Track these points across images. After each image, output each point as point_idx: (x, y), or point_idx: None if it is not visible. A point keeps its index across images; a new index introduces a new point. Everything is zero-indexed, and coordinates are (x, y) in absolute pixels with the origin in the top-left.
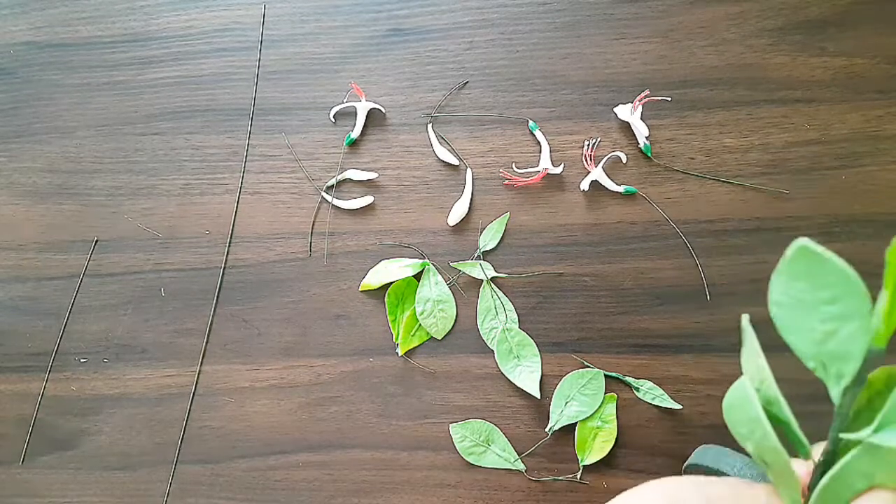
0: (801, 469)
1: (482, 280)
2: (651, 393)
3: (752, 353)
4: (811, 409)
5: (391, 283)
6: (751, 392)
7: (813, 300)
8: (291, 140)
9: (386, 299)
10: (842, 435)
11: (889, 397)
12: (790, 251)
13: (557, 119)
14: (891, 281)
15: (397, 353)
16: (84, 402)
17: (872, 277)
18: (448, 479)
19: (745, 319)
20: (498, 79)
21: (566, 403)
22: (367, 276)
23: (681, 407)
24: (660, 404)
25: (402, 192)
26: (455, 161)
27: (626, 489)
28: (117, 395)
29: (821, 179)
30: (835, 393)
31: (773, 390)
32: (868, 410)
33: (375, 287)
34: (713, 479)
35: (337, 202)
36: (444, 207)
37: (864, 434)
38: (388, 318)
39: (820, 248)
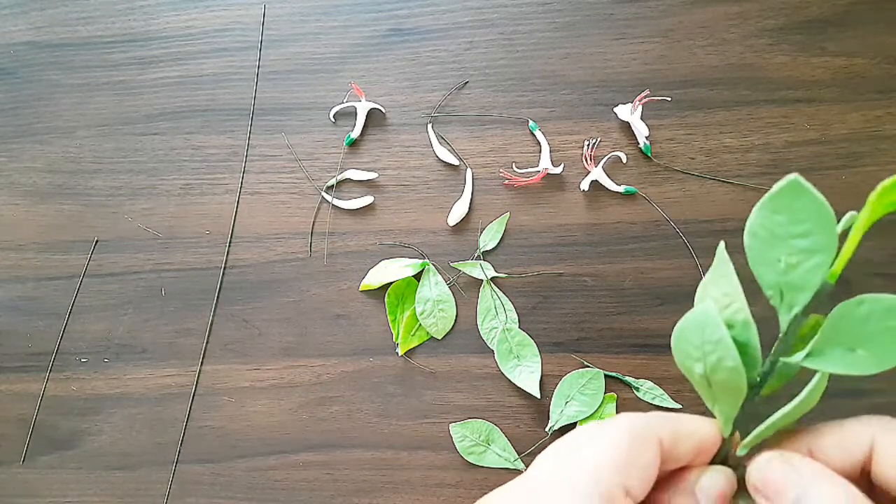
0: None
1: (482, 280)
2: (651, 393)
3: (724, 276)
4: None
5: (391, 283)
6: (715, 315)
7: (786, 234)
8: (291, 140)
9: (386, 299)
10: (782, 359)
11: (819, 329)
12: (780, 184)
13: (557, 119)
14: (861, 224)
15: (397, 353)
16: (84, 402)
17: (872, 277)
18: (448, 479)
19: (721, 246)
20: (498, 79)
21: (566, 403)
22: (367, 276)
23: (681, 407)
24: (660, 404)
25: (402, 192)
26: (455, 161)
27: None
28: (117, 395)
29: (821, 179)
30: (784, 320)
31: (745, 312)
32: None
33: (375, 287)
34: (679, 414)
35: (337, 202)
36: (444, 207)
37: (797, 357)
38: (388, 318)
39: (809, 185)
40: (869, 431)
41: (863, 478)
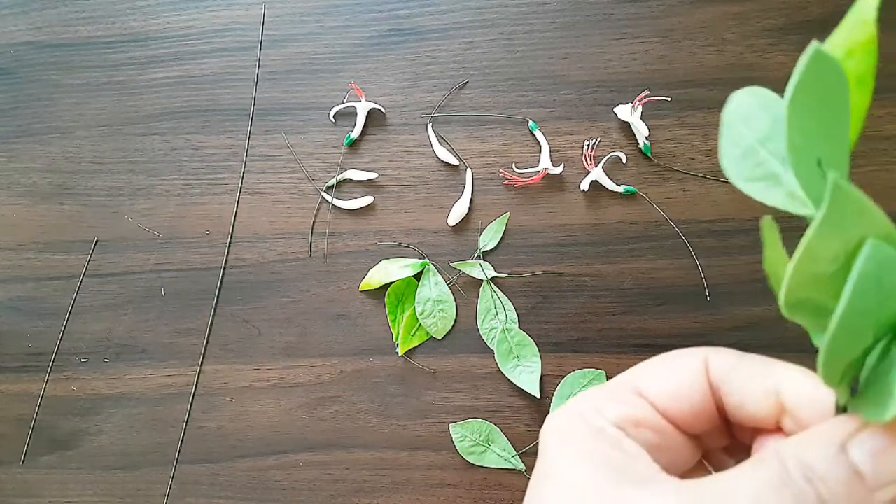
0: None
1: (482, 280)
2: None
3: None
4: None
5: (391, 283)
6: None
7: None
8: (291, 140)
9: (386, 299)
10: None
11: None
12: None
13: (557, 119)
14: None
15: (397, 353)
16: (84, 402)
17: None
18: (448, 479)
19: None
20: (498, 79)
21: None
22: (367, 276)
23: None
24: None
25: (402, 192)
26: (455, 161)
27: None
28: (117, 395)
29: None
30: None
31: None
32: None
33: (375, 287)
34: (720, 348)
35: (337, 202)
36: (444, 207)
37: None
38: (388, 318)
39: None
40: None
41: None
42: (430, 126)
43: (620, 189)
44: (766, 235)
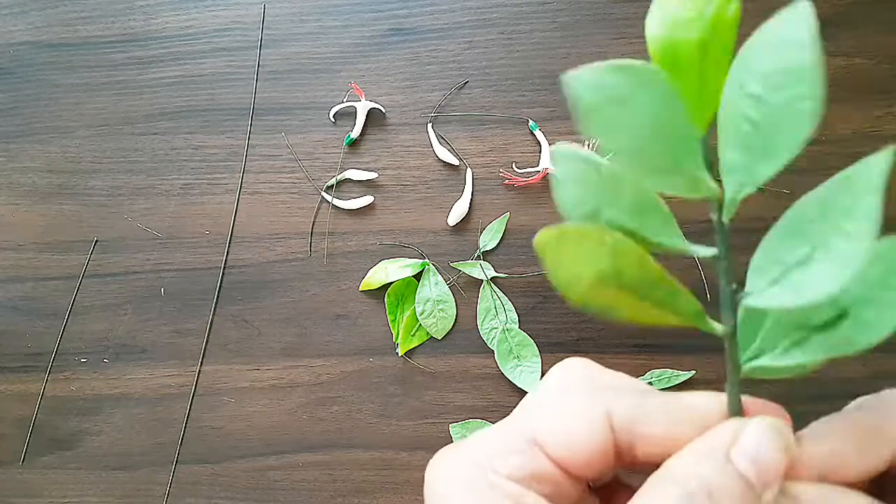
0: None
1: (482, 280)
2: None
3: None
4: None
5: (391, 283)
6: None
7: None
8: (291, 140)
9: (386, 299)
10: None
11: None
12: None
13: (557, 119)
14: None
15: (397, 353)
16: (84, 402)
17: None
18: None
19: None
20: (498, 79)
21: None
22: (367, 276)
23: None
24: None
25: (402, 192)
26: (455, 161)
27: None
28: (117, 395)
29: (821, 179)
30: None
31: None
32: None
33: (375, 287)
34: (613, 379)
35: (337, 202)
36: (444, 207)
37: None
38: (388, 318)
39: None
40: (885, 415)
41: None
42: (430, 126)
43: None
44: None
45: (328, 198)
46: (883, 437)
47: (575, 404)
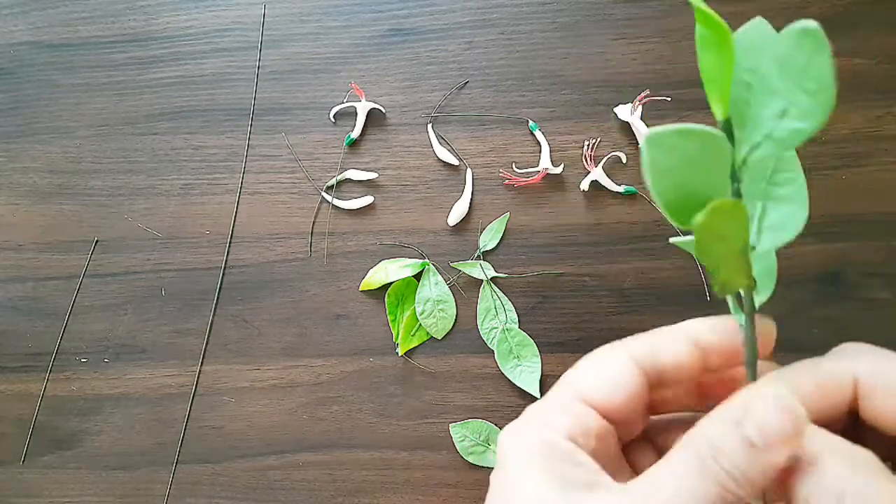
0: None
1: (482, 280)
2: None
3: None
4: None
5: (391, 283)
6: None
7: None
8: (291, 140)
9: (386, 299)
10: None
11: None
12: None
13: (557, 119)
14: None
15: (397, 353)
16: (84, 402)
17: (872, 277)
18: (448, 479)
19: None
20: (498, 79)
21: None
22: (367, 276)
23: None
24: None
25: (402, 192)
26: (455, 161)
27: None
28: (117, 395)
29: (821, 179)
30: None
31: None
32: None
33: (375, 287)
34: (630, 337)
35: (337, 202)
36: (444, 207)
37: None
38: (388, 318)
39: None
40: (848, 366)
41: (849, 419)
42: (430, 126)
43: (620, 189)
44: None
45: (328, 198)
46: (839, 379)
47: (605, 356)
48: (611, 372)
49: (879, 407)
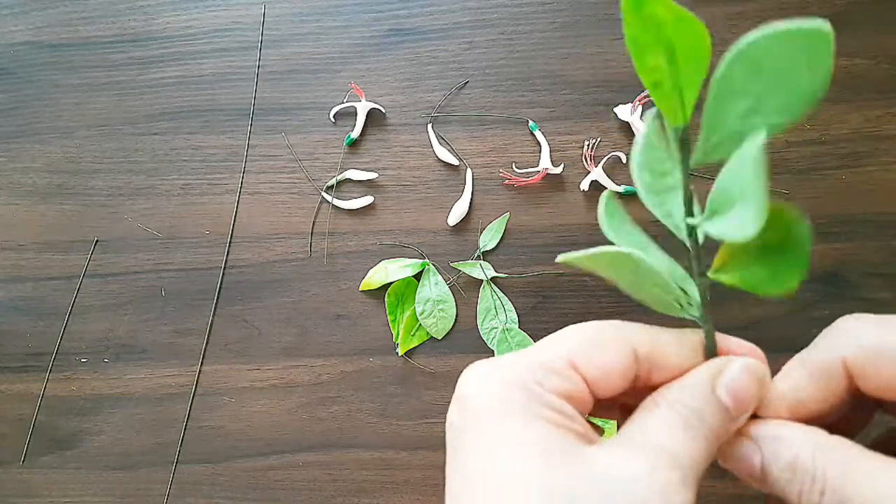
0: None
1: (482, 280)
2: None
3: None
4: None
5: (391, 283)
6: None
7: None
8: (291, 140)
9: (386, 299)
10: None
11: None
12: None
13: (557, 119)
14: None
15: (397, 353)
16: (84, 402)
17: (872, 277)
18: None
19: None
20: (498, 79)
21: None
22: (367, 276)
23: None
24: None
25: (402, 192)
26: (455, 161)
27: None
28: (117, 395)
29: (821, 179)
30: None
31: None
32: None
33: (375, 287)
34: (633, 324)
35: (337, 202)
36: (444, 207)
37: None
38: (388, 318)
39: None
40: (834, 353)
41: (857, 397)
42: (430, 126)
43: (620, 189)
44: None
45: (328, 198)
46: (828, 368)
47: (607, 337)
48: (613, 359)
49: (874, 384)
